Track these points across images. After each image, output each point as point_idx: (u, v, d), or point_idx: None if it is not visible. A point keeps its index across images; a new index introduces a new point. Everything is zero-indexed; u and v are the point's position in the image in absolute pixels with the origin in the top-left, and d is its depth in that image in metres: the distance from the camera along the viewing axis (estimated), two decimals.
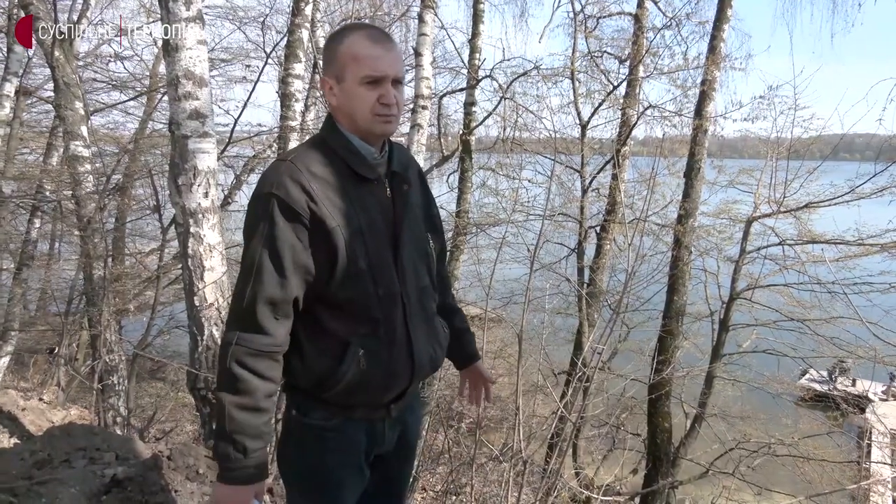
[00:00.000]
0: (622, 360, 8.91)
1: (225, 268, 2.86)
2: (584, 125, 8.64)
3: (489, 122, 9.31)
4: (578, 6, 8.96)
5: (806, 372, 10.60)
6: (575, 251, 8.96)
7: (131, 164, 7.13)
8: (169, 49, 2.61)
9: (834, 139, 8.16)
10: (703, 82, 7.84)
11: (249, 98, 7.25)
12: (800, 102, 7.45)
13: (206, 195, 2.73)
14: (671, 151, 9.20)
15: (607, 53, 9.48)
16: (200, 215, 2.71)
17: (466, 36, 9.41)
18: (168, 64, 2.65)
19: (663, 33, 9.12)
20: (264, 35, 8.45)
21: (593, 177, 8.80)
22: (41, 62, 7.18)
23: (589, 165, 8.82)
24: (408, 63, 7.71)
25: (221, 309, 2.80)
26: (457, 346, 1.68)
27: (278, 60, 7.81)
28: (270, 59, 7.74)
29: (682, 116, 8.75)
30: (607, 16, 9.54)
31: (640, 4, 9.15)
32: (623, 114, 8.89)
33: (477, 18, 9.20)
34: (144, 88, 9.57)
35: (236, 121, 6.59)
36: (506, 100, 8.65)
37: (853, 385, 13.16)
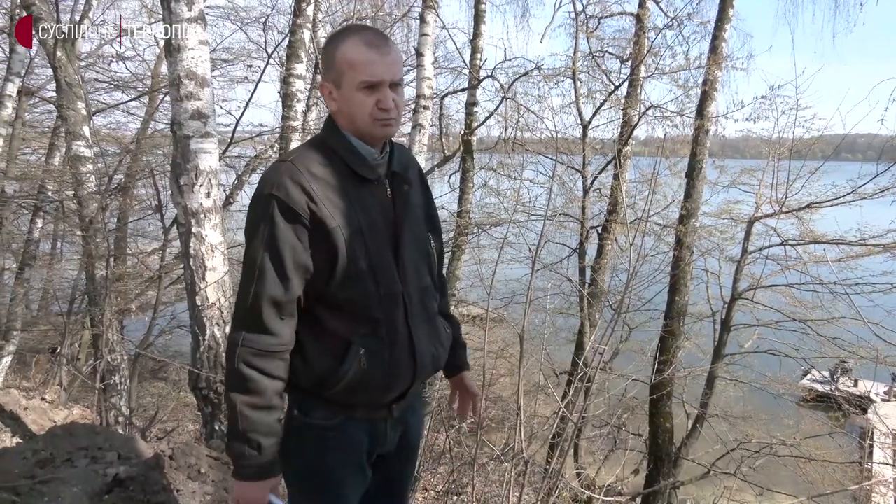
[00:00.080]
0: (624, 361, 8.90)
1: (227, 268, 2.86)
2: (586, 125, 8.63)
3: (491, 123, 9.34)
4: (580, 6, 8.94)
5: (808, 372, 10.59)
6: (576, 251, 8.95)
7: (133, 165, 7.15)
8: (171, 49, 2.62)
9: (836, 139, 8.17)
10: (705, 82, 7.83)
11: (251, 98, 7.30)
12: (801, 102, 7.47)
13: (208, 195, 2.74)
14: (673, 151, 9.20)
15: (609, 53, 9.47)
16: (202, 215, 2.72)
17: (468, 36, 9.44)
18: (170, 64, 2.65)
19: (665, 33, 9.11)
20: (266, 35, 8.49)
21: (595, 177, 8.80)
22: (43, 62, 7.20)
23: (590, 165, 8.82)
24: (409, 63, 7.73)
25: (223, 309, 2.81)
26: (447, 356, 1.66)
27: (280, 61, 7.84)
28: (272, 60, 7.77)
29: (684, 116, 8.75)
30: (609, 16, 9.52)
31: (642, 4, 9.14)
32: (625, 114, 8.88)
33: (478, 18, 9.21)
34: (146, 88, 9.59)
35: (238, 121, 6.62)
36: (507, 100, 8.66)
37: (855, 385, 13.16)
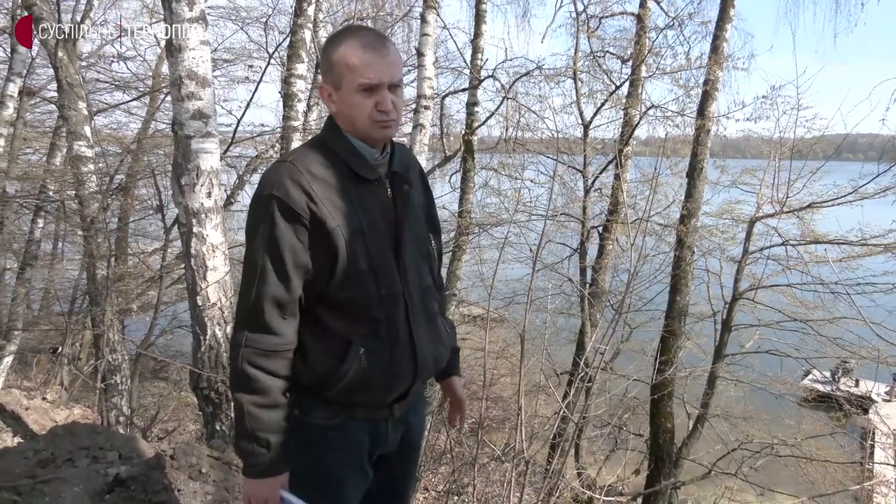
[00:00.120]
0: (624, 361, 8.89)
1: (228, 267, 2.86)
2: (587, 125, 8.62)
3: (491, 123, 9.34)
4: (581, 6, 8.93)
5: (809, 372, 10.59)
6: (577, 251, 8.95)
7: (134, 164, 7.15)
8: (172, 49, 2.62)
9: (837, 139, 8.15)
10: (706, 82, 7.81)
11: (252, 98, 7.31)
12: (803, 102, 7.46)
13: (209, 195, 2.74)
14: (674, 151, 9.20)
15: (610, 53, 9.47)
16: (203, 215, 2.72)
17: (469, 36, 9.44)
18: (171, 64, 2.65)
19: (666, 33, 9.10)
20: (267, 35, 8.48)
21: (596, 177, 8.79)
22: (45, 62, 7.20)
23: (591, 165, 8.81)
24: (410, 63, 7.74)
25: (224, 308, 2.81)
26: None
27: (281, 61, 7.85)
28: (273, 60, 7.78)
29: (685, 116, 8.75)
30: (610, 16, 9.52)
31: (643, 4, 9.14)
32: (625, 114, 8.88)
33: (479, 18, 9.21)
34: (147, 89, 9.59)
35: (239, 121, 6.63)
36: (508, 100, 8.66)
37: (856, 386, 13.14)
